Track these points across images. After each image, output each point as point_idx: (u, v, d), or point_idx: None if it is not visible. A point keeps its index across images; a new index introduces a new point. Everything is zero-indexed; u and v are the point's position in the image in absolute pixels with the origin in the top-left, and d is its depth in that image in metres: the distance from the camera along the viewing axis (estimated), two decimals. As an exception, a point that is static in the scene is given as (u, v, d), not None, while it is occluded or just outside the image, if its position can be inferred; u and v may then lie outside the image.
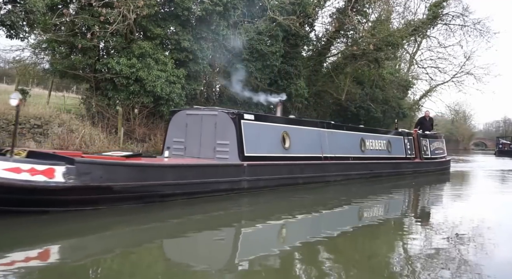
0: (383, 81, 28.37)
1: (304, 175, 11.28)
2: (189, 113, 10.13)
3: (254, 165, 9.67)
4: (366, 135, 14.36)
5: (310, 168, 11.55)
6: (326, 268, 4.92)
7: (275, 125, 10.78)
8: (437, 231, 6.84)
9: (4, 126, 13.08)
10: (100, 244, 5.48)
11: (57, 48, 14.89)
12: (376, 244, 6.24)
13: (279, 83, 19.02)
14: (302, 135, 11.48)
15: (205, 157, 9.50)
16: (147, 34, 14.71)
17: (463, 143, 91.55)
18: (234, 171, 9.33)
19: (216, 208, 8.16)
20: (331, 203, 9.69)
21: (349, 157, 13.17)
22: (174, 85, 14.20)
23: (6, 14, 11.39)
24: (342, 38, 23.36)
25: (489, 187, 14.93)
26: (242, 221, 7.47)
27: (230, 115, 9.52)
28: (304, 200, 9.83)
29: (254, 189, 9.71)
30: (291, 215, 7.91)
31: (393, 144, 15.75)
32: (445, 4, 27.73)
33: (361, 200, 10.16)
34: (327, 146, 12.20)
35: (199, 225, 6.75)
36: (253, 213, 8.24)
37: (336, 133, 12.86)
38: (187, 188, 8.23)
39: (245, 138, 9.57)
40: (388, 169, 15.43)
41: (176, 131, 10.09)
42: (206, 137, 9.66)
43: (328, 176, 12.20)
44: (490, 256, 5.47)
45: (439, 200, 11.33)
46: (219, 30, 15.71)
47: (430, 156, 18.24)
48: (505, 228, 7.52)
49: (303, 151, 11.36)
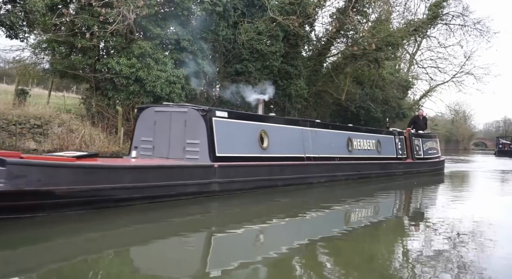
0: (383, 81, 28.39)
1: (284, 176, 10.62)
2: (157, 110, 9.44)
3: (226, 166, 9.02)
4: (353, 134, 13.71)
5: (291, 169, 10.91)
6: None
7: (251, 123, 10.10)
8: (426, 237, 6.41)
9: (4, 126, 13.08)
10: (36, 258, 4.76)
11: (57, 48, 14.89)
12: (361, 252, 5.65)
13: (279, 83, 19.00)
14: (283, 134, 10.84)
15: (174, 158, 8.87)
16: (147, 34, 14.71)
17: (463, 143, 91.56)
18: (203, 172, 8.64)
19: (182, 213, 7.48)
20: (312, 206, 9.02)
21: (335, 157, 12.52)
22: (174, 85, 14.20)
23: (6, 14, 11.39)
24: (342, 38, 23.36)
25: (484, 188, 14.36)
26: (212, 227, 6.79)
27: (200, 112, 8.84)
28: (282, 204, 9.20)
29: (227, 192, 9.05)
30: (266, 221, 7.29)
31: (383, 143, 15.08)
32: (445, 4, 27.75)
33: (346, 203, 9.57)
34: (310, 146, 11.54)
35: (158, 232, 6.10)
36: (223, 218, 7.60)
37: (321, 132, 12.19)
38: (148, 192, 7.56)
39: (217, 137, 8.93)
40: (377, 170, 14.75)
41: (144, 129, 9.41)
42: (176, 136, 9.00)
43: (311, 177, 11.51)
44: (491, 257, 5.47)
45: (429, 203, 10.71)
46: (218, 30, 15.70)
47: (423, 156, 17.68)
48: (499, 230, 7.16)
49: (283, 151, 10.71)
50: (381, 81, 28.04)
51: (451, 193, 12.87)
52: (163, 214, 7.17)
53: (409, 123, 19.69)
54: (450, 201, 10.84)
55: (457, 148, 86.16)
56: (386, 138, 15.59)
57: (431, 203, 10.69)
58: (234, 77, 17.71)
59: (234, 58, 17.71)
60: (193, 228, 6.58)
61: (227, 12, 15.69)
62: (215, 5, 14.72)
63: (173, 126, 9.07)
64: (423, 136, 18.13)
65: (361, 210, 9.04)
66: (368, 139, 14.42)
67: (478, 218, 8.06)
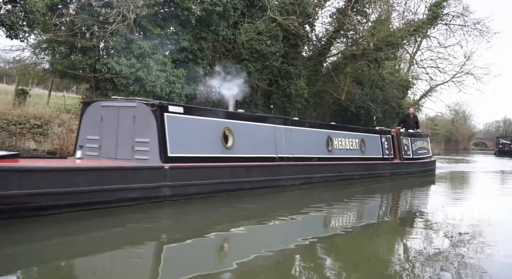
0: (383, 81, 28.39)
1: (251, 179, 9.64)
2: (104, 105, 8.48)
3: (180, 167, 8.12)
4: (334, 133, 12.82)
5: (260, 170, 9.97)
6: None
7: (213, 120, 9.10)
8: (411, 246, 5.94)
9: (4, 126, 13.09)
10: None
11: (57, 48, 14.90)
12: (340, 265, 5.10)
13: (279, 83, 19.02)
14: (251, 132, 9.95)
15: (123, 158, 7.96)
16: (146, 34, 14.70)
17: (463, 143, 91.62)
18: (150, 175, 7.70)
19: (120, 221, 6.52)
20: (279, 212, 8.13)
21: (312, 157, 11.66)
22: (174, 85, 14.20)
23: (6, 14, 11.39)
24: (342, 38, 23.35)
25: (477, 190, 13.56)
26: (157, 238, 5.91)
27: (150, 106, 7.92)
28: (245, 210, 8.26)
29: (181, 197, 8.14)
30: (224, 229, 6.51)
31: (367, 143, 14.19)
32: (445, 4, 27.76)
33: (320, 208, 8.67)
34: (283, 145, 10.63)
35: (90, 245, 5.28)
36: (172, 227, 6.67)
37: (296, 130, 11.30)
38: (78, 198, 6.59)
39: (170, 134, 8.03)
40: (360, 171, 13.85)
41: (90, 127, 8.47)
42: (124, 134, 8.08)
43: (283, 179, 10.61)
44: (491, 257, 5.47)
45: (411, 206, 9.92)
46: (218, 30, 15.70)
47: (412, 156, 16.89)
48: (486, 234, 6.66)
49: (251, 151, 9.79)
50: (381, 81, 28.04)
51: (439, 195, 12.04)
52: (96, 223, 6.25)
53: (398, 122, 19.15)
54: (436, 204, 10.08)
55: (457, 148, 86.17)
56: (371, 137, 14.74)
57: (413, 206, 9.89)
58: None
59: (234, 58, 17.71)
60: (131, 239, 5.73)
61: (227, 12, 15.67)
62: (215, 5, 14.71)
63: (121, 123, 8.13)
64: (413, 135, 17.44)
65: (336, 216, 8.26)
66: (350, 138, 13.55)
67: (467, 221, 7.57)
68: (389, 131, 16.10)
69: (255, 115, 11.54)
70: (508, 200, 11.55)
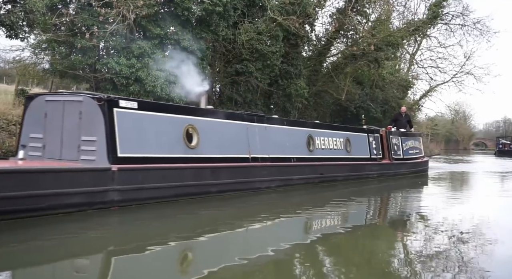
0: (383, 81, 28.40)
1: (219, 181, 8.90)
2: (48, 100, 7.67)
3: (131, 169, 7.35)
4: (315, 131, 12.04)
5: (230, 172, 9.20)
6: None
7: (174, 116, 8.31)
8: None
9: (4, 126, 13.09)
10: None
11: (57, 48, 14.88)
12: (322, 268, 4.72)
13: (279, 82, 19.02)
14: (219, 131, 9.22)
15: (68, 159, 7.22)
16: (146, 34, 14.69)
17: (463, 143, 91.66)
18: (93, 178, 6.89)
19: (55, 231, 5.75)
20: (248, 217, 7.33)
21: (291, 158, 10.95)
22: (174, 85, 14.19)
23: (6, 14, 11.39)
24: (342, 38, 23.37)
25: (471, 192, 12.88)
26: (96, 249, 5.14)
27: (96, 100, 7.15)
28: (205, 216, 7.40)
29: (133, 202, 7.35)
30: (180, 239, 5.73)
31: (353, 142, 13.47)
32: (445, 4, 27.77)
33: (298, 212, 7.94)
34: (257, 145, 9.88)
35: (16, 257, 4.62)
36: (117, 237, 5.82)
37: (273, 128, 10.57)
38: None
39: (120, 132, 7.25)
40: (345, 172, 13.13)
41: (33, 124, 7.69)
42: (69, 132, 7.31)
43: (258, 182, 9.88)
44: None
45: (395, 211, 9.14)
46: (218, 30, 15.69)
47: (403, 156, 16.21)
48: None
49: (219, 151, 9.04)
50: (381, 81, 28.04)
51: (429, 197, 11.43)
52: (26, 235, 5.47)
53: (390, 121, 18.54)
54: (424, 206, 9.58)
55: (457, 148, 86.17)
56: (357, 136, 14.00)
57: (398, 209, 9.33)
58: (234, 77, 17.72)
59: (234, 58, 17.70)
60: (64, 252, 5.05)
61: (227, 12, 15.66)
62: (215, 5, 14.70)
63: (66, 120, 7.33)
64: (404, 134, 16.79)
65: (313, 220, 7.56)
66: (334, 137, 12.79)
67: (455, 225, 7.18)
68: (378, 130, 15.41)
69: (225, 112, 10.73)
70: (502, 203, 10.80)
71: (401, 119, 17.67)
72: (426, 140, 59.48)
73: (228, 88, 17.97)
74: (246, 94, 18.00)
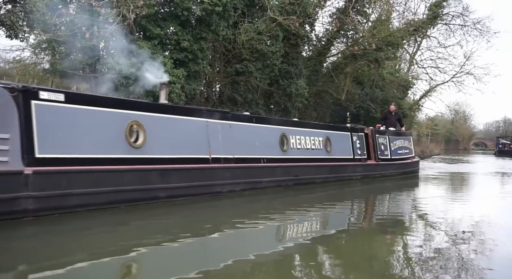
0: (383, 81, 28.44)
1: (170, 185, 7.91)
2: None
3: (53, 172, 6.29)
4: (290, 129, 11.11)
5: (184, 175, 8.20)
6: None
7: (113, 111, 7.28)
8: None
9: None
10: None
11: (57, 48, 14.90)
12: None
13: (280, 82, 19.04)
14: (172, 128, 8.23)
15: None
16: (146, 34, 14.70)
17: (463, 143, 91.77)
18: (0, 183, 5.76)
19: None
20: (193, 228, 6.23)
21: (260, 158, 9.99)
22: (174, 85, 14.19)
23: (6, 14, 11.40)
24: (342, 38, 23.38)
25: (463, 196, 11.82)
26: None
27: (9, 91, 6.01)
28: (137, 228, 6.13)
29: (55, 211, 6.25)
30: (107, 254, 4.73)
31: (334, 142, 12.59)
32: (445, 4, 27.80)
33: (258, 220, 6.93)
34: (219, 144, 8.96)
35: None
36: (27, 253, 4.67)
37: (239, 126, 9.64)
38: None
39: (39, 129, 6.18)
40: (324, 174, 12.21)
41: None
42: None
43: (218, 185, 8.86)
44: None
45: (379, 217, 8.17)
46: (218, 30, 15.70)
47: (390, 157, 15.35)
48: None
49: (171, 151, 8.06)
50: (381, 81, 28.08)
51: (412, 201, 10.41)
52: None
53: (379, 120, 17.71)
54: (408, 211, 8.66)
55: (457, 148, 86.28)
56: (338, 135, 13.08)
57: (377, 216, 8.32)
58: (234, 77, 17.73)
59: (234, 58, 17.71)
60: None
61: (227, 12, 15.67)
62: (215, 5, 14.71)
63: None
64: (392, 133, 15.89)
65: (279, 227, 6.64)
66: (312, 136, 11.88)
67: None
68: (362, 129, 14.50)
69: (181, 107, 9.53)
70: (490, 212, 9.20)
71: (391, 118, 16.94)
72: (426, 140, 59.56)
73: (228, 88, 17.98)
74: (246, 94, 18.01)
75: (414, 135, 52.75)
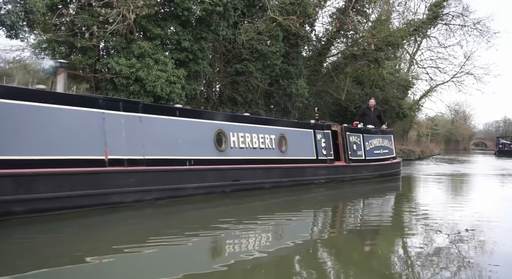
0: (383, 81, 28.46)
1: (34, 195, 6.04)
2: None
3: None
4: (229, 125, 9.35)
5: (60, 182, 6.38)
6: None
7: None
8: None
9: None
10: None
11: (57, 48, 14.90)
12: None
13: (280, 82, 19.04)
14: (48, 122, 6.40)
15: None
16: (147, 34, 14.71)
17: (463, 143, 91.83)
18: None
19: None
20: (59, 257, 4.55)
21: (186, 160, 8.24)
22: (174, 85, 14.20)
23: (6, 14, 11.40)
24: (342, 38, 23.41)
25: (446, 201, 10.28)
26: None
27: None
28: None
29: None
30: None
31: (290, 140, 10.89)
32: (445, 4, 27.81)
33: (161, 238, 5.40)
34: (122, 142, 7.28)
35: None
36: None
37: (154, 120, 7.88)
38: None
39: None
40: (276, 178, 10.40)
41: None
42: None
43: (117, 194, 7.12)
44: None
45: (320, 236, 6.30)
46: (218, 30, 15.71)
47: (364, 157, 13.49)
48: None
49: (43, 151, 6.26)
50: (381, 81, 28.11)
51: (375, 209, 8.96)
52: None
53: (357, 116, 15.92)
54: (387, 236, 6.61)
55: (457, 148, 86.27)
56: (297, 132, 11.35)
57: (323, 228, 6.91)
58: (234, 77, 17.74)
59: (234, 58, 17.72)
60: None
61: (227, 12, 15.68)
62: (215, 5, 14.72)
63: None
64: (367, 131, 13.95)
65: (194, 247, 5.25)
66: (260, 133, 10.13)
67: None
68: (329, 126, 12.69)
69: (65, 95, 7.32)
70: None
71: (370, 114, 15.03)
72: (426, 140, 59.53)
73: (228, 88, 17.99)
74: (246, 94, 18.02)
75: (414, 135, 52.79)
